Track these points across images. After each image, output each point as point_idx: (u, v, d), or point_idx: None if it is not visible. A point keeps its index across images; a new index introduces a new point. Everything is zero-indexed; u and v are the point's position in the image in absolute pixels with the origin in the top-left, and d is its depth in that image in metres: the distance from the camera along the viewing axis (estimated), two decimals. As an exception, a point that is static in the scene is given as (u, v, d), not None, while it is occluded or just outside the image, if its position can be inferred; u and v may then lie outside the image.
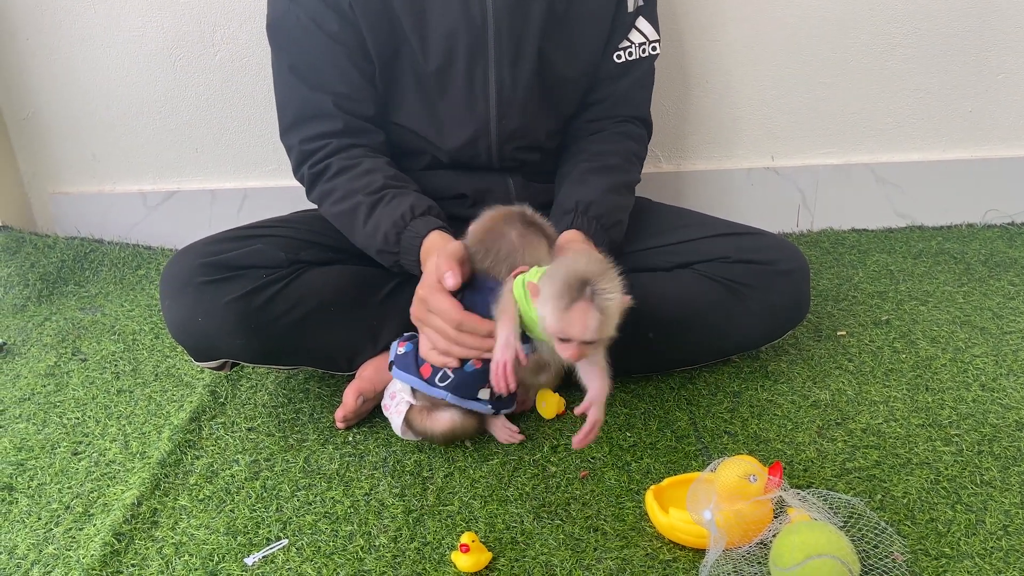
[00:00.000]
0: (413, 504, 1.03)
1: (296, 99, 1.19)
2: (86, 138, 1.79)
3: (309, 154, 1.18)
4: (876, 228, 1.79)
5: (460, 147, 1.23)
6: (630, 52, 1.26)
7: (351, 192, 1.14)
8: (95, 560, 0.95)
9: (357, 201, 1.13)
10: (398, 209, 1.10)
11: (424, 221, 1.10)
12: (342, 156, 1.17)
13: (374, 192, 1.12)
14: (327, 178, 1.17)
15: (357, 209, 1.13)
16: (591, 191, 1.18)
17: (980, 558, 0.91)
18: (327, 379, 1.30)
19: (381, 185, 1.13)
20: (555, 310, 0.87)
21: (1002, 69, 1.66)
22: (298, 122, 1.19)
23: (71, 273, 1.72)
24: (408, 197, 1.12)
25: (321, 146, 1.17)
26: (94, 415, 1.26)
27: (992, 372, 1.24)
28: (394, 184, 1.14)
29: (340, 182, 1.15)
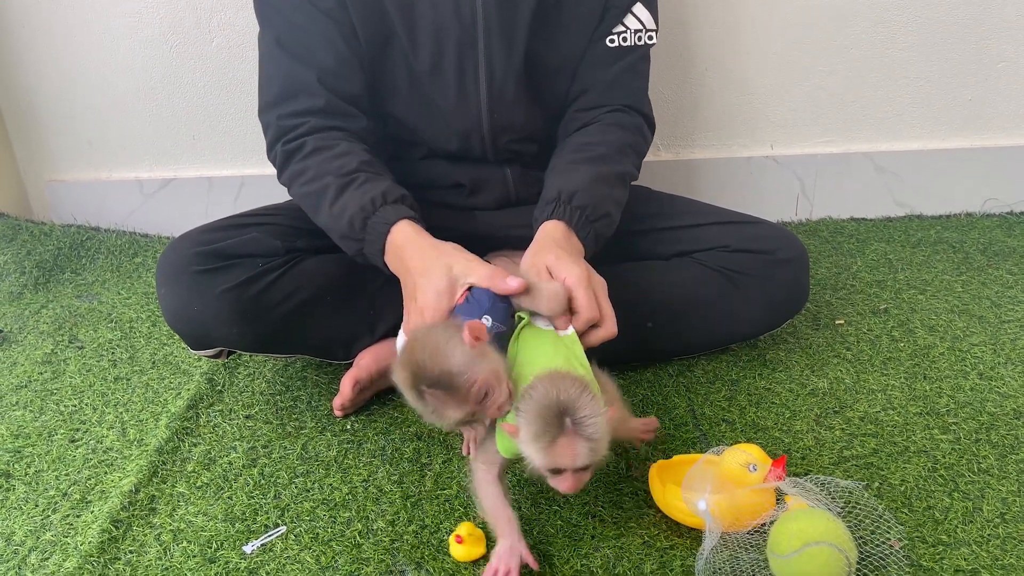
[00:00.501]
0: (411, 490, 1.03)
1: (280, 74, 1.13)
2: (82, 125, 1.78)
3: (286, 131, 1.12)
4: (875, 217, 1.78)
5: (453, 140, 1.22)
6: (624, 37, 1.21)
7: (321, 173, 1.07)
8: (93, 546, 0.95)
9: (326, 183, 1.06)
10: (368, 194, 1.03)
11: (394, 209, 1.02)
12: (319, 136, 1.10)
13: (345, 174, 1.05)
14: (300, 158, 1.10)
15: (325, 190, 1.05)
16: (576, 181, 1.10)
17: (977, 545, 0.91)
18: (324, 367, 1.29)
19: (354, 168, 1.06)
20: (539, 450, 0.80)
21: (1002, 58, 1.65)
22: (279, 98, 1.13)
23: (67, 261, 1.71)
24: (380, 183, 1.05)
25: (299, 123, 1.11)
26: (91, 402, 1.25)
27: (990, 361, 1.24)
28: (367, 169, 1.07)
29: (312, 162, 1.08)
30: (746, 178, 1.75)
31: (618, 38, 1.20)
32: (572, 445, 0.79)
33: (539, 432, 0.79)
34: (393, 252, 1.02)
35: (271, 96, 1.14)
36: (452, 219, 1.31)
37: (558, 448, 0.79)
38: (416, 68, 1.16)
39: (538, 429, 0.79)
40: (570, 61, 1.22)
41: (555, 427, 0.78)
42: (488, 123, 1.20)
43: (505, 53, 1.15)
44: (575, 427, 0.79)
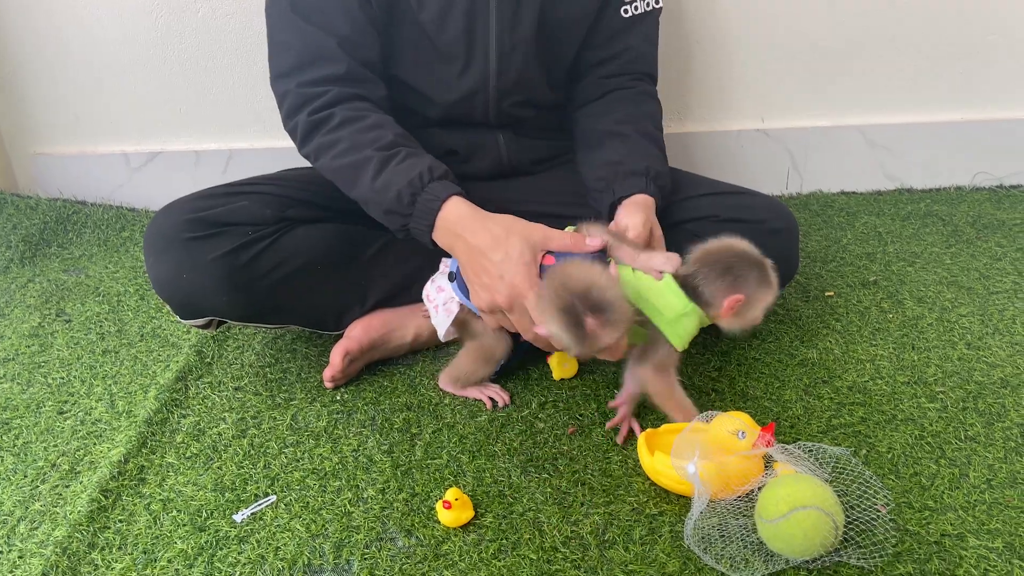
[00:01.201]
0: (401, 459, 1.03)
1: (298, 40, 1.09)
2: (68, 98, 1.75)
3: (309, 99, 1.08)
4: (865, 190, 1.78)
5: (456, 102, 1.20)
6: (636, 6, 1.23)
7: (359, 145, 1.05)
8: (82, 515, 0.95)
9: (366, 155, 1.04)
10: (415, 168, 1.02)
11: (443, 185, 1.02)
12: (346, 106, 1.08)
13: (385, 148, 1.04)
14: (329, 128, 1.07)
15: (366, 163, 1.04)
16: (656, 161, 1.18)
17: (963, 511, 0.92)
18: (314, 338, 1.29)
19: (391, 141, 1.05)
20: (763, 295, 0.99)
21: (992, 30, 1.65)
22: (299, 65, 1.09)
23: (54, 235, 1.70)
24: (424, 158, 1.05)
25: (323, 91, 1.08)
26: (79, 375, 1.25)
27: (978, 331, 1.25)
28: (405, 143, 1.07)
29: (345, 134, 1.06)
30: (737, 151, 1.75)
31: (631, 7, 1.23)
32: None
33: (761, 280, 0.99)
34: (446, 228, 1.01)
35: (288, 64, 1.10)
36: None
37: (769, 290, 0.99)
38: (424, 28, 1.14)
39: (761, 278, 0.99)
40: (578, 23, 1.21)
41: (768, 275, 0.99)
42: (495, 84, 1.18)
43: (516, 13, 1.14)
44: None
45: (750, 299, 0.98)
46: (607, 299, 0.90)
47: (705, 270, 0.98)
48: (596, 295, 0.90)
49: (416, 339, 1.23)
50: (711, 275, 0.98)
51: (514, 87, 1.20)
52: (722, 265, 0.98)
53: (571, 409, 1.11)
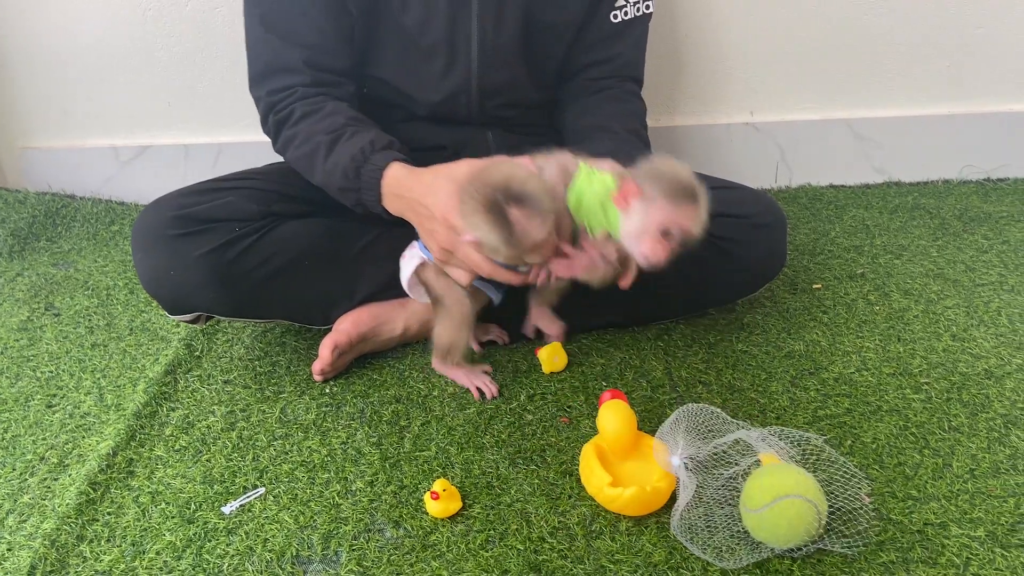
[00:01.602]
0: (390, 452, 1.03)
1: (266, 51, 1.14)
2: (57, 92, 1.75)
3: (274, 104, 1.14)
4: (854, 184, 1.79)
5: (440, 102, 1.21)
6: (626, 12, 1.24)
7: (313, 133, 1.09)
8: (71, 508, 0.96)
9: (317, 141, 1.08)
10: (357, 144, 1.06)
11: (384, 155, 1.06)
12: (306, 102, 1.12)
13: (334, 131, 1.08)
14: (290, 124, 1.12)
15: (318, 149, 1.08)
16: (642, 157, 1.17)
17: (946, 500, 0.93)
18: (304, 333, 1.29)
19: (342, 124, 1.09)
20: (669, 206, 0.92)
21: (980, 24, 1.65)
22: (267, 73, 1.15)
23: (43, 229, 1.69)
24: (368, 132, 1.08)
25: (287, 96, 1.13)
26: (68, 369, 1.25)
27: (963, 323, 1.26)
28: (354, 123, 1.10)
29: (303, 126, 1.11)
30: (726, 145, 1.76)
31: (620, 13, 1.24)
32: (696, 212, 0.93)
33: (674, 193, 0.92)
34: (390, 193, 1.05)
35: (257, 71, 1.16)
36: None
37: (687, 211, 0.92)
38: (408, 30, 1.15)
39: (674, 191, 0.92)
40: (566, 26, 1.22)
41: (689, 193, 0.93)
42: (477, 85, 1.19)
43: (498, 14, 1.14)
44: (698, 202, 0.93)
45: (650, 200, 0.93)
46: (529, 190, 0.90)
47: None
48: (517, 186, 0.90)
49: (405, 332, 1.23)
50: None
51: (497, 88, 1.20)
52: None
53: (560, 401, 1.12)
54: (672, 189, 0.93)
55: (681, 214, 0.93)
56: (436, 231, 1.01)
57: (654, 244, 0.93)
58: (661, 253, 0.94)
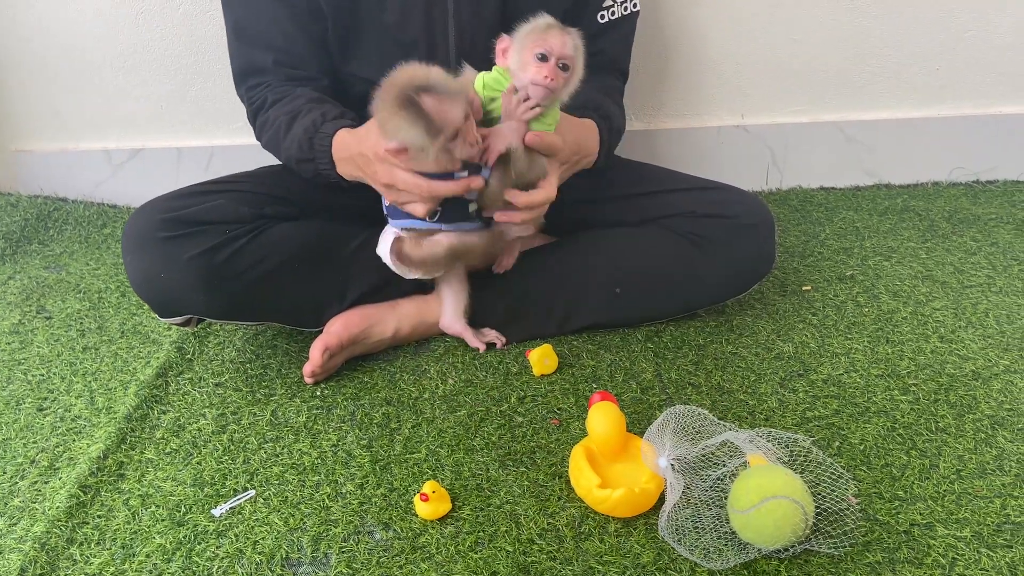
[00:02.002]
0: (380, 454, 1.04)
1: (240, 56, 1.21)
2: (48, 95, 1.75)
3: (251, 98, 1.21)
4: (844, 186, 1.80)
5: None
6: (613, 12, 1.26)
7: (277, 116, 1.15)
8: (61, 511, 0.96)
9: (280, 122, 1.15)
10: (310, 117, 1.11)
11: (333, 123, 1.10)
12: (276, 90, 1.18)
13: (294, 110, 1.14)
14: (263, 111, 1.18)
15: (279, 129, 1.14)
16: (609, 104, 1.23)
17: (933, 500, 0.94)
18: (295, 335, 1.29)
19: (302, 104, 1.14)
20: (534, 36, 1.00)
21: (969, 27, 1.66)
22: (243, 75, 1.22)
23: (35, 232, 1.69)
24: (321, 107, 1.13)
25: (262, 88, 1.20)
26: (59, 372, 1.25)
27: (951, 324, 1.27)
28: (313, 102, 1.15)
29: (271, 112, 1.17)
30: (716, 148, 1.76)
31: (607, 13, 1.25)
32: (562, 33, 1.00)
33: (534, 28, 1.01)
34: (340, 158, 1.10)
35: (236, 73, 1.23)
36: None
37: (550, 33, 1.00)
38: (387, 25, 1.16)
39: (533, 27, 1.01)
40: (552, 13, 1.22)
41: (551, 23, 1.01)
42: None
43: (474, 8, 1.15)
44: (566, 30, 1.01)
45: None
46: (434, 79, 0.97)
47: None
48: (422, 79, 0.96)
49: (396, 334, 1.23)
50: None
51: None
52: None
53: (550, 404, 1.12)
54: (534, 27, 1.01)
55: (547, 36, 1.00)
56: (376, 171, 1.04)
57: (536, 68, 1.00)
58: (547, 72, 1.00)
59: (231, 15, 1.20)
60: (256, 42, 1.19)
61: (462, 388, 1.16)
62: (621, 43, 1.31)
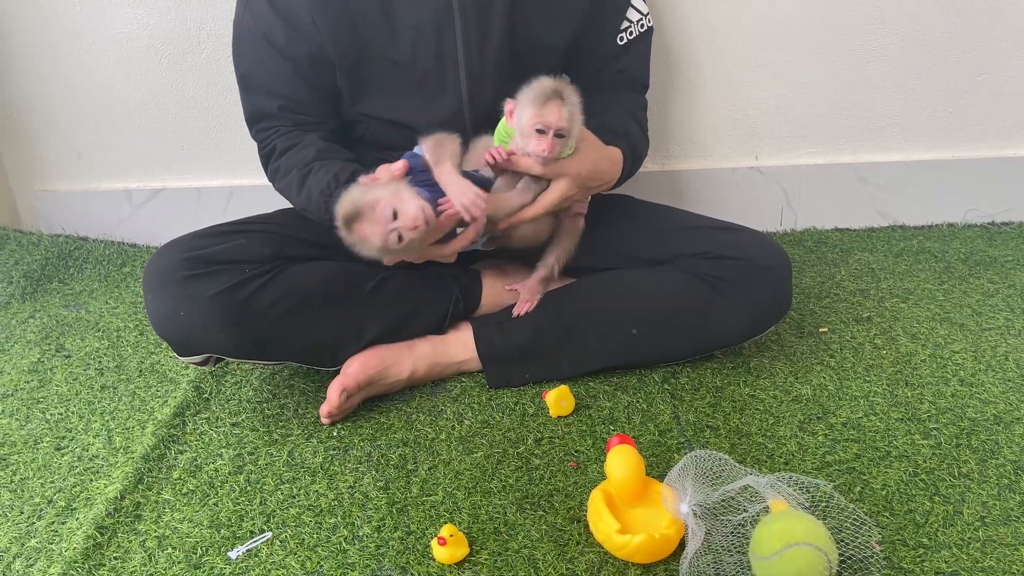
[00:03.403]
0: (397, 496, 1.03)
1: (248, 103, 1.26)
2: (71, 135, 1.78)
3: (262, 141, 1.26)
4: (859, 227, 1.80)
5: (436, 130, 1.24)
6: (630, 32, 1.31)
7: (289, 168, 1.19)
8: (77, 553, 0.95)
9: (291, 176, 1.19)
10: (324, 178, 1.15)
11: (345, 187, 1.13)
12: (285, 137, 1.23)
13: (305, 164, 1.18)
14: (274, 158, 1.23)
15: (291, 183, 1.19)
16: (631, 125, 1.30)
17: (957, 548, 0.92)
18: (312, 375, 1.30)
19: (312, 157, 1.18)
20: (532, 108, 1.07)
21: (982, 71, 1.68)
22: (253, 121, 1.27)
23: (55, 271, 1.71)
24: (332, 167, 1.16)
25: (271, 134, 1.25)
26: (77, 411, 1.25)
27: (971, 367, 1.26)
28: (324, 155, 1.19)
29: (283, 160, 1.21)
30: (731, 189, 1.77)
31: (625, 34, 1.31)
32: (559, 107, 1.07)
33: (535, 96, 1.07)
34: None
35: (247, 120, 1.29)
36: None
37: (547, 108, 1.07)
38: (399, 62, 1.19)
39: (535, 94, 1.07)
40: (563, 41, 1.26)
41: (548, 94, 1.07)
42: (469, 111, 1.22)
43: (482, 37, 1.18)
44: (563, 98, 1.07)
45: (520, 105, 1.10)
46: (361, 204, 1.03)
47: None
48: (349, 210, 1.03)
49: (412, 375, 1.23)
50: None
51: (488, 111, 1.23)
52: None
53: (567, 446, 1.12)
54: (534, 94, 1.07)
55: (544, 112, 1.07)
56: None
57: (537, 141, 1.08)
58: (544, 146, 1.08)
59: (239, 68, 1.25)
60: (261, 91, 1.24)
61: (478, 429, 1.16)
62: (640, 59, 1.37)
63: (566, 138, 1.09)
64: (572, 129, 1.09)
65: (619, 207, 1.34)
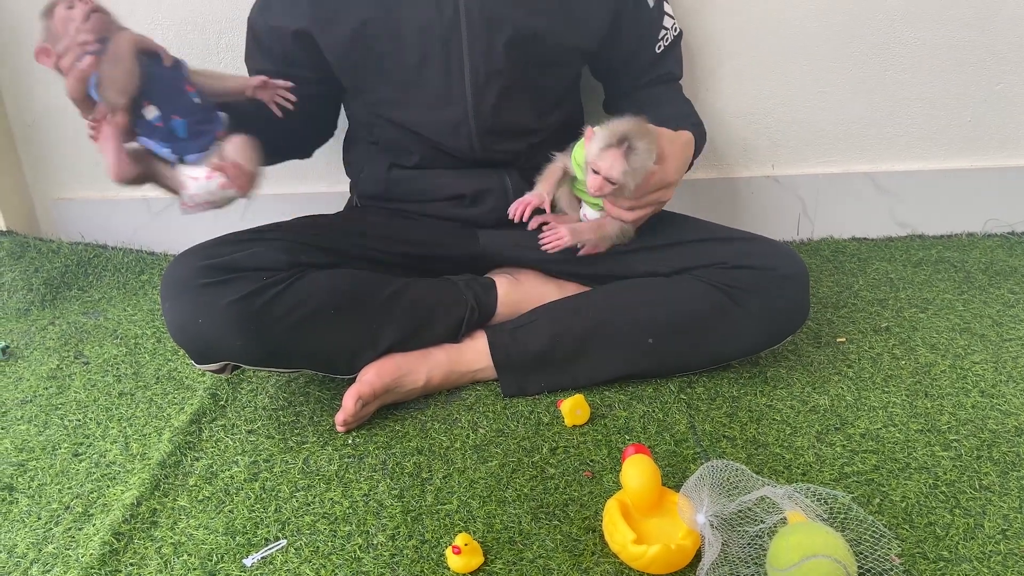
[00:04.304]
0: (412, 504, 1.03)
1: None
2: (90, 144, 1.79)
3: None
4: (876, 237, 1.79)
5: (442, 137, 1.27)
6: (667, 38, 1.37)
7: None
8: (94, 559, 0.96)
9: None
10: None
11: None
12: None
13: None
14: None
15: None
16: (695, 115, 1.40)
17: (978, 561, 0.91)
18: (327, 382, 1.30)
19: None
20: (596, 150, 1.11)
21: (1001, 79, 1.67)
22: None
23: (74, 278, 1.73)
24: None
25: None
26: (95, 417, 1.26)
27: (991, 379, 1.24)
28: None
29: None
30: (747, 198, 1.77)
31: (663, 42, 1.37)
32: (615, 159, 1.10)
33: (604, 139, 1.10)
34: None
35: None
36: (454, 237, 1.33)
37: (606, 154, 1.10)
38: (406, 67, 1.21)
39: (605, 137, 1.11)
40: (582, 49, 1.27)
41: (615, 141, 1.09)
42: (474, 117, 1.23)
43: (487, 45, 1.19)
44: (627, 151, 1.10)
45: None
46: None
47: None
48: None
49: (428, 383, 1.23)
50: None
51: (496, 117, 1.24)
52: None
53: (582, 455, 1.11)
54: (604, 135, 1.11)
55: (600, 157, 1.11)
56: None
57: (591, 179, 1.13)
58: (596, 186, 1.13)
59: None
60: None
61: (493, 438, 1.16)
62: (677, 61, 1.42)
63: (619, 187, 1.13)
64: (626, 183, 1.12)
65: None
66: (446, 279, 1.31)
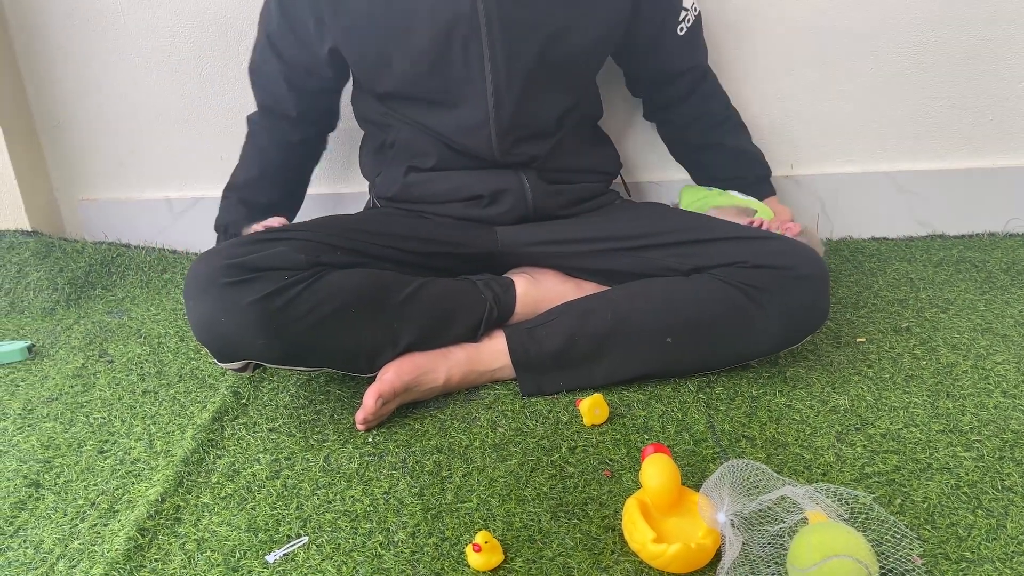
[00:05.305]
0: (432, 502, 1.04)
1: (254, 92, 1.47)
2: (114, 146, 1.82)
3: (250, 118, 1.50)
4: (896, 237, 1.78)
5: (462, 137, 1.28)
6: (688, 19, 1.38)
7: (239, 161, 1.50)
8: (119, 554, 0.97)
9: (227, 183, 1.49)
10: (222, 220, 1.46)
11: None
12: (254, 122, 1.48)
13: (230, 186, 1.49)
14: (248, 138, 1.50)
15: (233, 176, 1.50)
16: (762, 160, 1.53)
17: (1001, 562, 0.90)
18: (348, 381, 1.31)
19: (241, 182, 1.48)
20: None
21: (1021, 78, 1.65)
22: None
23: (99, 277, 1.75)
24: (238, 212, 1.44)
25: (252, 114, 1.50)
26: (120, 415, 1.28)
27: (1014, 379, 1.24)
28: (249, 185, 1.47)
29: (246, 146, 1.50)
30: (766, 197, 1.76)
31: (685, 24, 1.38)
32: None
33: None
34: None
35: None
36: (472, 236, 1.34)
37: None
38: (423, 66, 1.21)
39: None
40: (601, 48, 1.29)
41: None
42: (495, 117, 1.24)
43: (509, 42, 1.19)
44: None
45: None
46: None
47: None
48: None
49: (447, 382, 1.24)
50: None
51: (516, 117, 1.25)
52: None
53: (601, 454, 1.11)
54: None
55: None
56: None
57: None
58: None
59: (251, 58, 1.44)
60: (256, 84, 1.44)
61: (512, 437, 1.16)
62: (701, 46, 1.44)
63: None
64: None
65: (654, 215, 1.34)
66: (465, 278, 1.32)
